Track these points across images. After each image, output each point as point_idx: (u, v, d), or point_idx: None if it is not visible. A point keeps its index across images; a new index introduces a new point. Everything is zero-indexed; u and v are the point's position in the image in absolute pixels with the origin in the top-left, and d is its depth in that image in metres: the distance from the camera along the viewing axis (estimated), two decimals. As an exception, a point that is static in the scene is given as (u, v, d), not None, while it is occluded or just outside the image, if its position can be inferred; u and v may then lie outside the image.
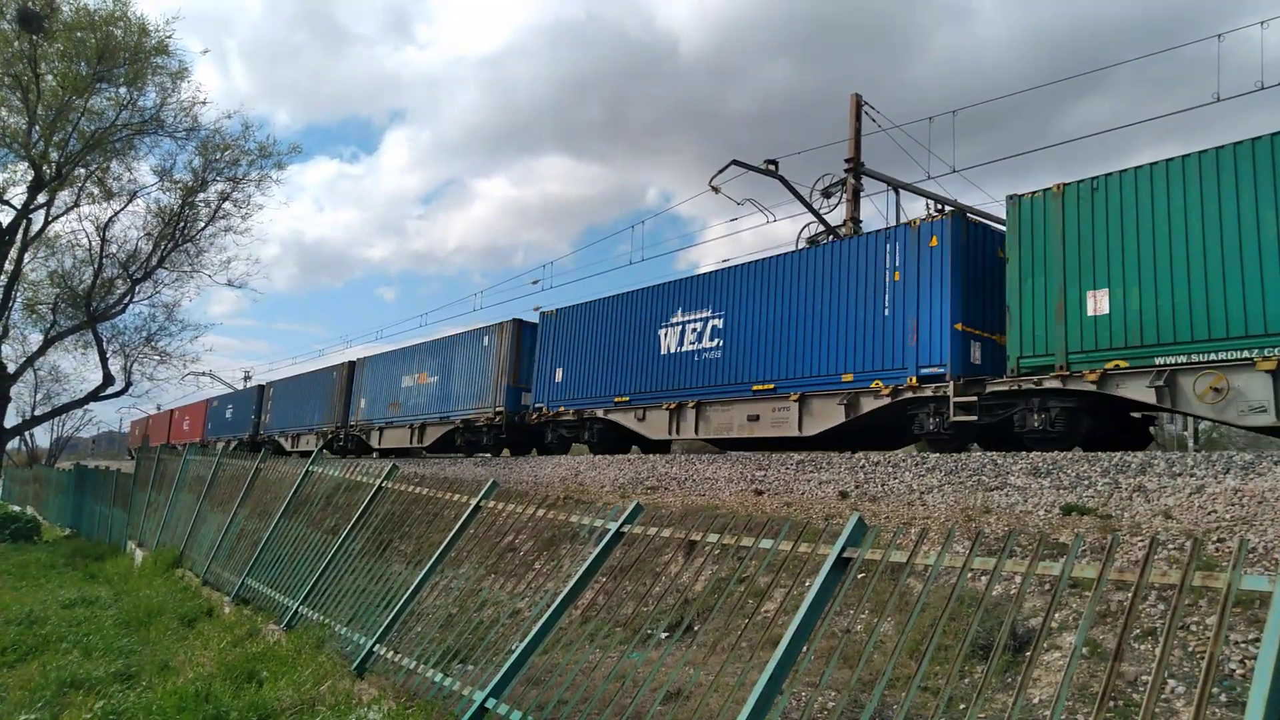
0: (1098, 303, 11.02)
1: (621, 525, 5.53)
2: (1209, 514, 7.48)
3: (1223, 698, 4.97)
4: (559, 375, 20.33)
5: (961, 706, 5.10)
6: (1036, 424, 11.22)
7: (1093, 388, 10.65)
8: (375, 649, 6.54)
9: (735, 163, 21.47)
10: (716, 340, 16.34)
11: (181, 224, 26.02)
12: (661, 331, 17.60)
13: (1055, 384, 11.03)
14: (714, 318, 16.48)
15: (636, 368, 18.09)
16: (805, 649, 3.96)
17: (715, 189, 22.08)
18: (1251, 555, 6.51)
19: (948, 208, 19.78)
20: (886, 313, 13.21)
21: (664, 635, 6.24)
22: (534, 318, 22.02)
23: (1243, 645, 5.43)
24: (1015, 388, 11.48)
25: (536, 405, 20.70)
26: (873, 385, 13.17)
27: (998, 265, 12.69)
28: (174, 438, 48.35)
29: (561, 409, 19.95)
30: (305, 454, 25.71)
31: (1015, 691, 3.08)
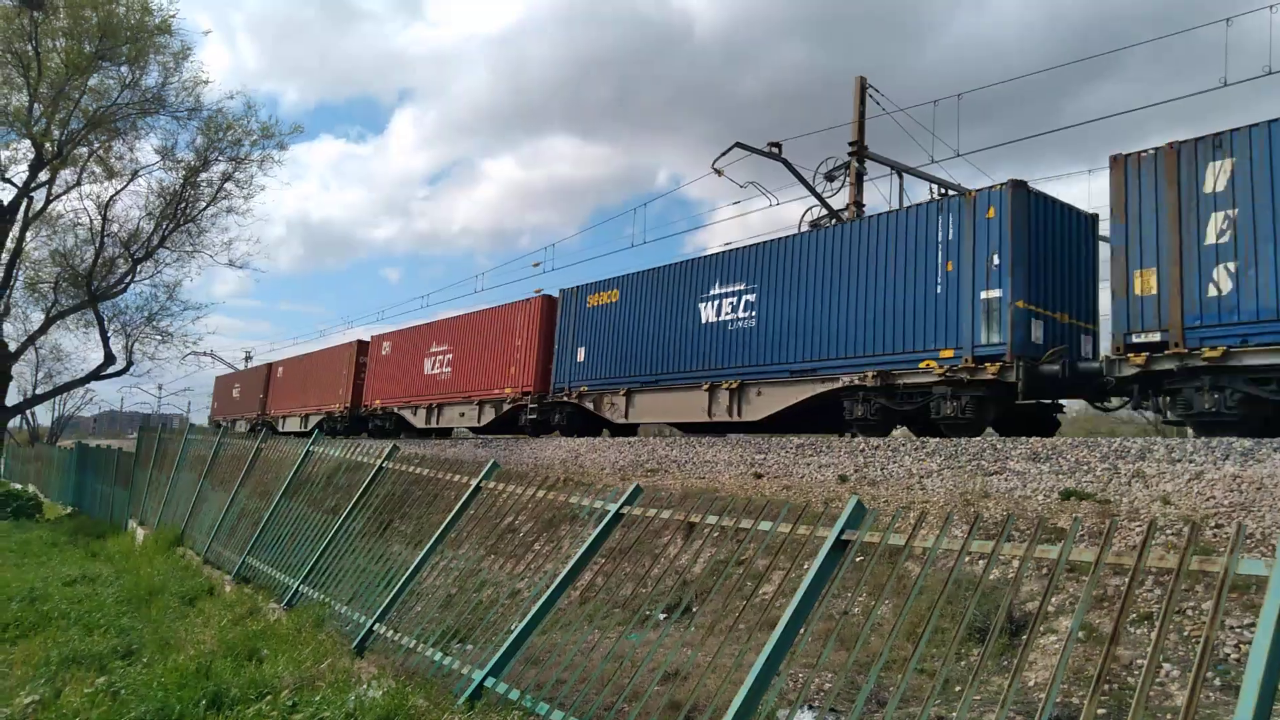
0: (580, 355, 15.51)
1: (621, 507, 5.54)
2: (1208, 500, 7.49)
3: (1216, 682, 4.99)
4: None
5: (957, 688, 5.13)
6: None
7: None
8: (375, 628, 6.58)
9: (738, 145, 21.37)
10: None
11: (183, 204, 25.92)
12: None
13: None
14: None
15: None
16: (803, 630, 3.97)
17: (718, 171, 21.99)
18: (1249, 541, 6.53)
19: (951, 191, 19.71)
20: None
21: (662, 616, 6.27)
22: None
23: (1238, 630, 5.46)
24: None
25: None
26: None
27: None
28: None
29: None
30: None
31: (1011, 674, 3.09)
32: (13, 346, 26.46)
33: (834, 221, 19.24)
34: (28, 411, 50.19)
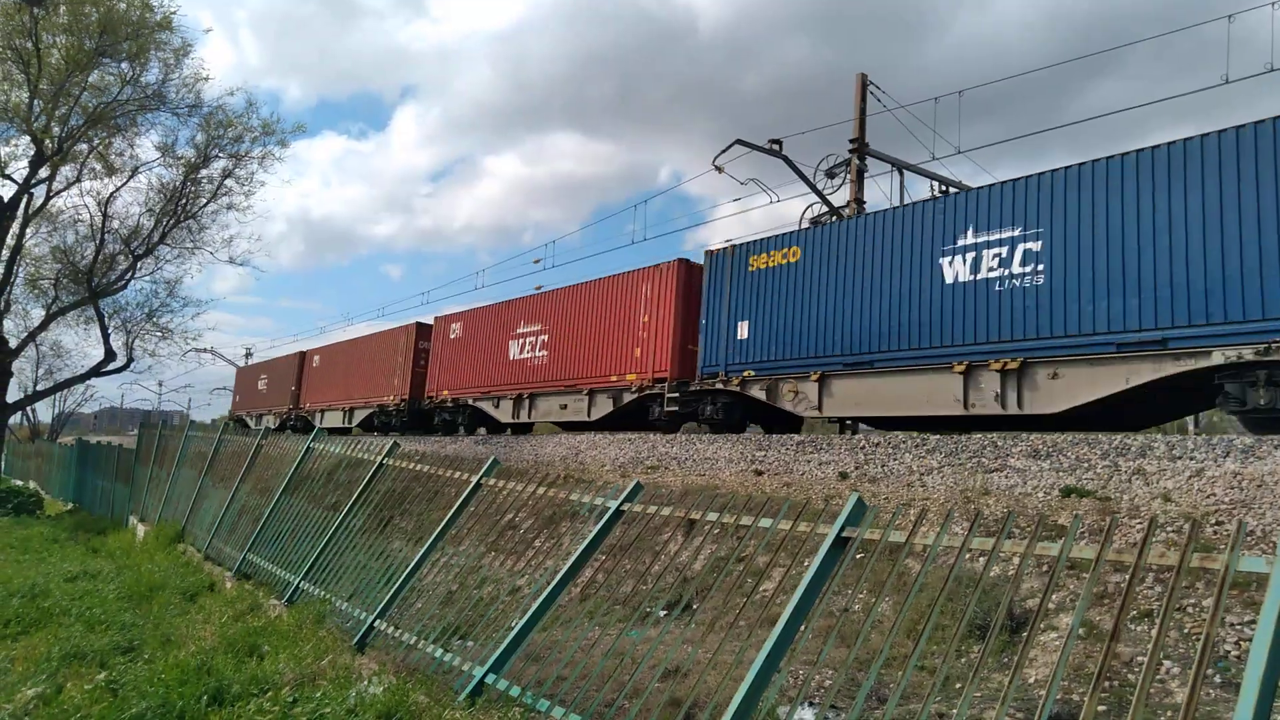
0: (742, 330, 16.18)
1: (622, 503, 5.54)
2: (1208, 497, 7.49)
3: (1217, 679, 5.00)
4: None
5: (958, 685, 5.13)
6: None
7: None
8: (376, 624, 6.58)
9: (739, 142, 21.34)
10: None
11: (183, 200, 25.92)
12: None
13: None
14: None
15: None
16: (803, 628, 3.98)
17: (719, 168, 21.98)
18: (1249, 538, 6.53)
19: (947, 187, 19.71)
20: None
21: (663, 613, 6.28)
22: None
23: (1238, 627, 5.46)
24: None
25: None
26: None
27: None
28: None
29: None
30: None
31: (1011, 671, 3.09)
32: (13, 343, 26.46)
33: (834, 218, 19.22)
34: (28, 408, 50.14)
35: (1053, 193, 11.71)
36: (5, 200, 23.35)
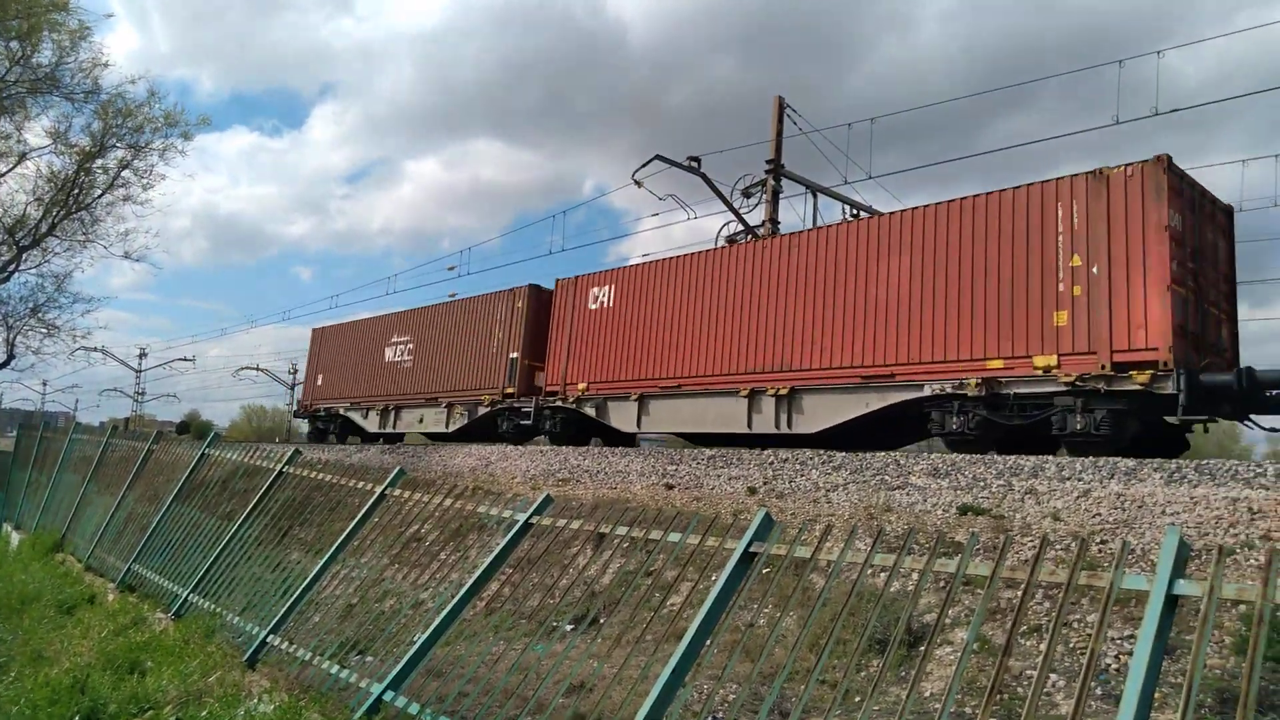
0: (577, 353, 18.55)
1: (530, 516, 5.48)
2: (1094, 516, 7.86)
3: (1098, 691, 5.22)
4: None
5: (857, 699, 5.23)
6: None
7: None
8: (269, 639, 6.31)
9: (659, 158, 21.53)
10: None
11: (76, 191, 24.60)
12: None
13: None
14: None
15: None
16: (709, 642, 3.99)
17: (638, 183, 22.11)
18: (1130, 556, 6.87)
19: (858, 211, 20.32)
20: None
21: (569, 628, 6.21)
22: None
23: (1118, 641, 5.73)
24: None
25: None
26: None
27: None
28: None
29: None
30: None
31: (909, 685, 3.16)
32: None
33: (750, 238, 19.56)
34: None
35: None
36: (-126, 182, 21.71)
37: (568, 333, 18.91)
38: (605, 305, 18.22)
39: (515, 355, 19.63)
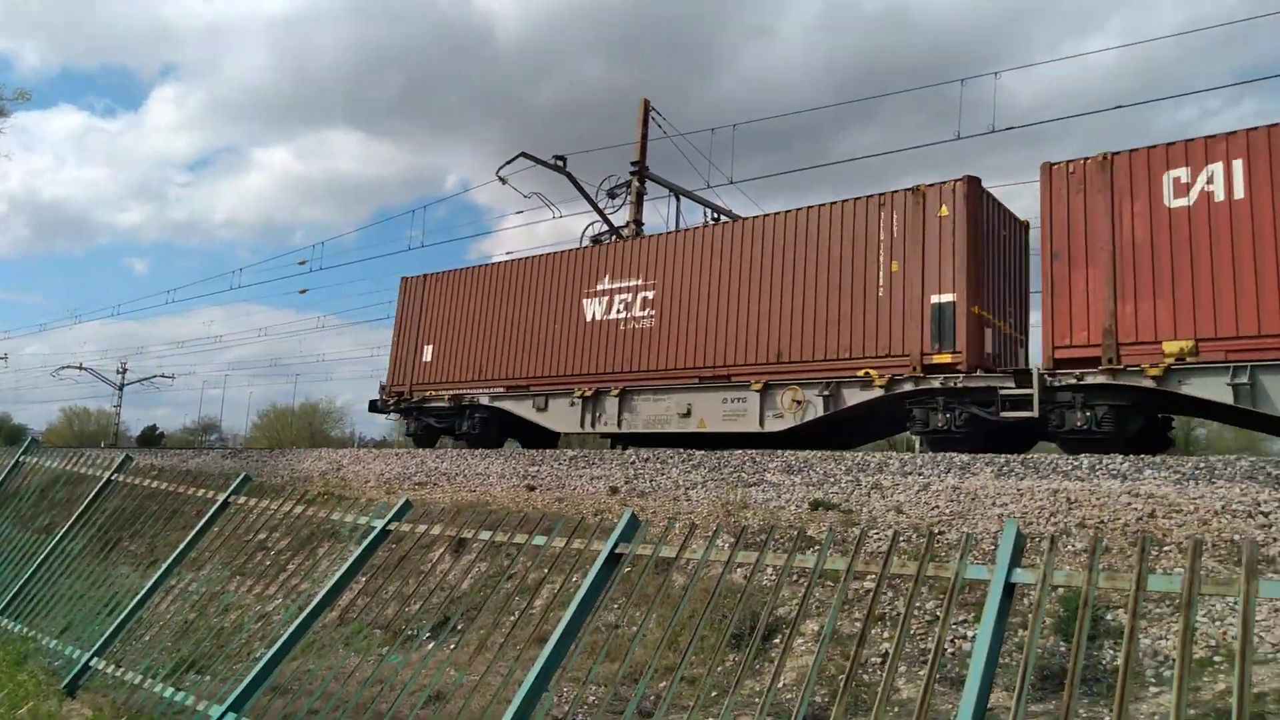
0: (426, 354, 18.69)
1: (388, 522, 5.27)
2: (933, 509, 8.37)
3: (937, 675, 5.54)
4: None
5: (716, 694, 5.33)
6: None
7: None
8: (92, 663, 5.79)
9: (524, 155, 21.35)
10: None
11: None
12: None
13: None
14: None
15: None
16: (573, 646, 3.96)
17: (503, 180, 21.86)
18: (969, 544, 7.35)
19: (719, 215, 20.84)
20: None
21: (427, 636, 6.03)
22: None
23: (953, 627, 6.11)
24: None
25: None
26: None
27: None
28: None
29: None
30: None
31: (769, 678, 3.24)
32: None
33: (614, 238, 19.68)
34: None
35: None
36: None
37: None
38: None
39: (950, 298, 12.11)
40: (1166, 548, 6.72)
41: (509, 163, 21.50)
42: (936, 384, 11.94)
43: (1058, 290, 11.08)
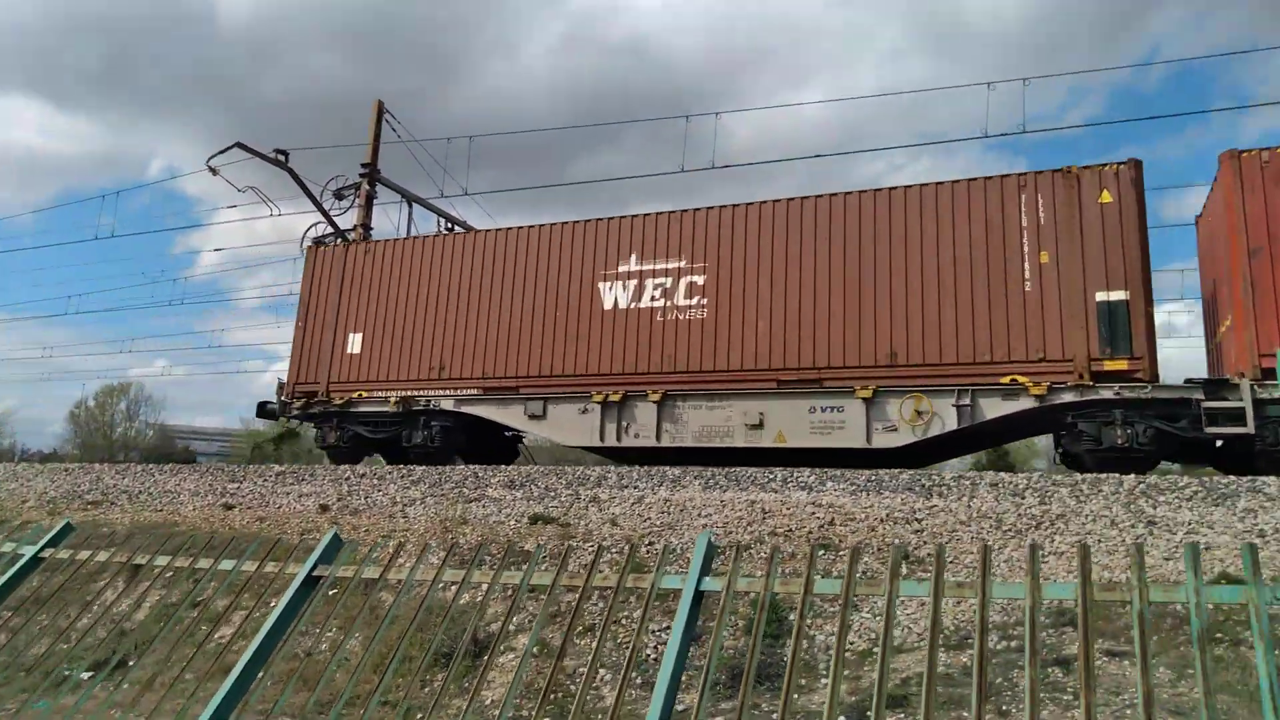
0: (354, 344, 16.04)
1: (42, 549, 4.58)
2: (645, 521, 8.78)
3: (638, 680, 5.80)
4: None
5: (419, 716, 5.19)
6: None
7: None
8: None
9: (239, 145, 19.69)
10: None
11: None
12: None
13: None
14: None
15: None
16: (261, 674, 3.68)
17: (213, 170, 20.02)
18: (672, 555, 7.78)
19: (453, 225, 20.59)
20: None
21: (86, 675, 5.30)
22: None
23: (657, 634, 6.44)
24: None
25: None
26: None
27: None
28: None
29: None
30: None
31: (469, 695, 3.22)
32: None
33: (339, 241, 18.69)
34: None
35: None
36: None
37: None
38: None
39: (1121, 296, 10.76)
40: (842, 551, 7.57)
41: (222, 152, 19.75)
42: (1110, 394, 10.41)
43: (1260, 290, 9.94)
